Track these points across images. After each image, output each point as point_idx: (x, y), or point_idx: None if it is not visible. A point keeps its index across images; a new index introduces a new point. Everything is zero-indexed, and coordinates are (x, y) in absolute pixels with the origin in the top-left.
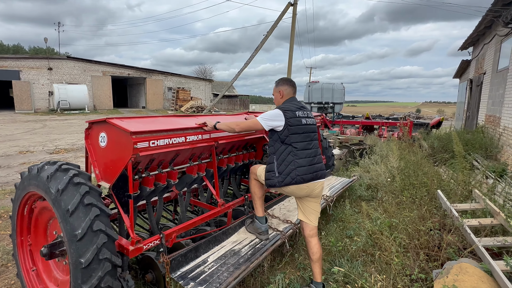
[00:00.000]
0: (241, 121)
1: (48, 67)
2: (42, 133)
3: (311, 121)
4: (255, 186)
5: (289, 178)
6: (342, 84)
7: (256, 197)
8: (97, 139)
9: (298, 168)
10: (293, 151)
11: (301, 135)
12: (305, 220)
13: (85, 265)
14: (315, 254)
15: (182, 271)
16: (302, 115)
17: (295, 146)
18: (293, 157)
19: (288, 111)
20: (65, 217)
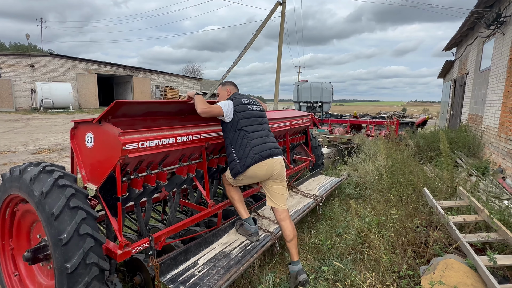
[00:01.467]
0: (208, 106)
1: (30, 65)
2: (24, 133)
3: (257, 107)
4: (230, 191)
5: (248, 160)
6: (331, 84)
7: (234, 201)
8: (84, 139)
9: (254, 147)
10: (245, 134)
11: (249, 119)
12: (274, 205)
13: (71, 270)
14: (288, 235)
15: (172, 275)
16: (248, 102)
17: (245, 129)
18: (247, 140)
19: (234, 100)
20: (50, 221)
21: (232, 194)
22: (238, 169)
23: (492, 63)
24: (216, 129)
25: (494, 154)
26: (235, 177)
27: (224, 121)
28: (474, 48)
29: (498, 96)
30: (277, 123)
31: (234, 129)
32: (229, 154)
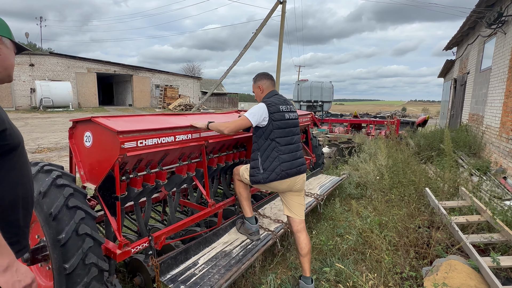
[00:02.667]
0: (230, 122)
1: (30, 63)
2: (24, 132)
3: (293, 115)
4: (240, 187)
5: (274, 174)
6: (331, 83)
7: (242, 198)
8: (82, 139)
9: (283, 163)
10: (277, 146)
11: (284, 130)
12: (291, 215)
13: (69, 271)
14: (303, 249)
15: (172, 274)
16: (285, 109)
17: (278, 141)
18: (277, 153)
19: (271, 105)
20: (48, 221)
21: (241, 191)
22: (259, 179)
23: (493, 62)
24: None
25: (495, 154)
26: (253, 184)
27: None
28: (475, 47)
29: (499, 95)
30: None
31: (265, 137)
32: (254, 160)
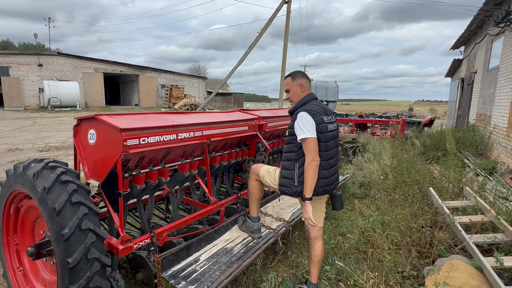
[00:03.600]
0: (308, 156)
1: (38, 64)
2: (32, 131)
3: (334, 126)
4: (255, 187)
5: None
6: (336, 83)
7: (254, 198)
8: (86, 136)
9: (321, 179)
10: (319, 162)
11: (327, 144)
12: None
13: (72, 265)
14: (317, 256)
15: (174, 270)
16: (327, 120)
17: (321, 156)
18: (319, 168)
19: (316, 116)
20: (52, 216)
21: (255, 191)
22: (292, 191)
23: (501, 61)
24: (218, 126)
25: (503, 154)
26: (281, 193)
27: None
28: (482, 46)
29: (507, 95)
30: (282, 120)
31: None
32: (288, 170)
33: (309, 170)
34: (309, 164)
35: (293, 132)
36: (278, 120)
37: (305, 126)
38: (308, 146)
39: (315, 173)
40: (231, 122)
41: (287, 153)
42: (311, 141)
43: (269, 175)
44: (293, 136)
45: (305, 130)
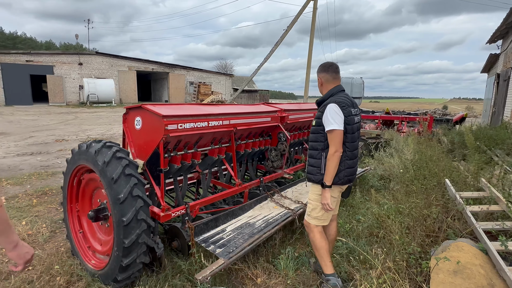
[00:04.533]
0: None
1: (79, 62)
2: (75, 124)
3: (359, 118)
4: (320, 239)
5: (336, 178)
6: (362, 79)
7: (324, 251)
8: (133, 123)
9: (347, 169)
10: (346, 151)
11: (353, 135)
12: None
13: (126, 223)
14: (331, 235)
15: (204, 237)
16: (354, 113)
17: (347, 146)
18: (345, 158)
19: (345, 108)
20: (110, 184)
21: (319, 243)
22: (316, 179)
23: None
24: (244, 116)
25: None
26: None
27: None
28: None
29: None
30: (304, 113)
31: None
32: (315, 159)
33: (332, 160)
34: (333, 154)
35: (320, 123)
36: (300, 113)
37: (334, 117)
38: (334, 137)
39: (337, 164)
40: (255, 113)
41: (314, 143)
42: (338, 133)
43: (311, 204)
44: (320, 127)
45: (333, 122)
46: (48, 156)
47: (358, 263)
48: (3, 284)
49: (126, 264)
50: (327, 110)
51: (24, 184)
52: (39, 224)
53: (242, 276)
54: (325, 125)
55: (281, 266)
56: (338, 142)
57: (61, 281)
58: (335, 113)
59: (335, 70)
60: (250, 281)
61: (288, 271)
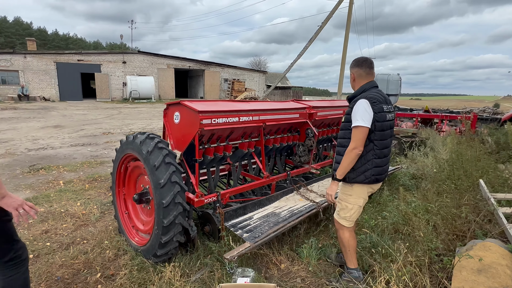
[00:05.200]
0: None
1: (123, 61)
2: (119, 118)
3: (392, 116)
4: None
5: (362, 177)
6: (399, 75)
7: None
8: (173, 117)
9: (375, 168)
10: (374, 149)
11: (383, 132)
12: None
13: (165, 205)
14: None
15: (233, 222)
16: (387, 109)
17: (376, 144)
18: (372, 156)
19: (376, 104)
20: (153, 171)
21: (347, 241)
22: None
23: None
24: (272, 113)
25: None
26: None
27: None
28: None
29: None
30: (334, 110)
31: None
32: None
33: (349, 156)
34: (351, 151)
35: (349, 119)
36: (329, 110)
37: (361, 113)
38: (357, 133)
39: (353, 161)
40: (283, 109)
41: (343, 139)
42: (361, 130)
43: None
44: (349, 123)
45: (359, 118)
46: (97, 147)
47: (380, 256)
48: (64, 253)
49: (165, 241)
50: (356, 106)
51: (77, 171)
52: (91, 206)
53: (267, 261)
54: (352, 121)
55: (304, 255)
56: (359, 139)
57: (110, 254)
58: (364, 109)
59: (369, 66)
60: (274, 266)
61: (310, 260)
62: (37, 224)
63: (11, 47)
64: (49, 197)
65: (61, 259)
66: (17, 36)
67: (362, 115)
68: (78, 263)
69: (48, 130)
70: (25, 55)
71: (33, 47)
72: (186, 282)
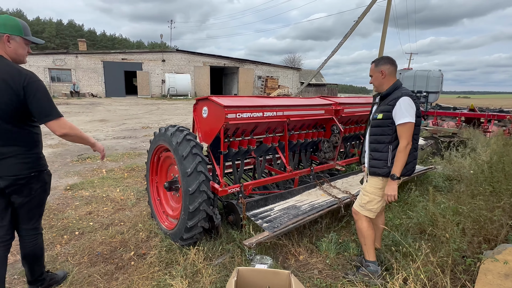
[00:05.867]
0: (402, 140)
1: (162, 59)
2: (157, 114)
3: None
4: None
5: (404, 170)
6: (440, 71)
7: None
8: (201, 112)
9: (414, 160)
10: (413, 143)
11: (418, 127)
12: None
13: (191, 192)
14: (380, 226)
15: (254, 212)
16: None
17: (415, 138)
18: (412, 150)
19: (415, 100)
20: (181, 161)
21: (366, 231)
22: (383, 172)
23: None
24: (297, 109)
25: None
26: (370, 174)
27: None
28: None
29: None
30: (362, 107)
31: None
32: (381, 152)
33: (405, 153)
34: (405, 147)
35: (389, 116)
36: (357, 106)
37: (408, 110)
38: (407, 130)
39: (401, 161)
40: (308, 106)
41: (380, 136)
42: (411, 126)
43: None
44: (389, 120)
45: (407, 114)
46: (136, 140)
47: (400, 254)
48: (104, 232)
49: (190, 226)
50: (401, 103)
51: (118, 161)
52: (128, 192)
53: (286, 252)
54: (397, 118)
55: (323, 248)
56: (410, 135)
57: (143, 235)
58: (409, 106)
59: (396, 64)
60: (293, 256)
61: (329, 253)
62: (82, 206)
63: (65, 47)
64: (93, 183)
65: (101, 237)
66: (70, 37)
67: (409, 111)
68: (115, 241)
69: (94, 123)
70: (77, 55)
71: (83, 48)
72: (209, 265)
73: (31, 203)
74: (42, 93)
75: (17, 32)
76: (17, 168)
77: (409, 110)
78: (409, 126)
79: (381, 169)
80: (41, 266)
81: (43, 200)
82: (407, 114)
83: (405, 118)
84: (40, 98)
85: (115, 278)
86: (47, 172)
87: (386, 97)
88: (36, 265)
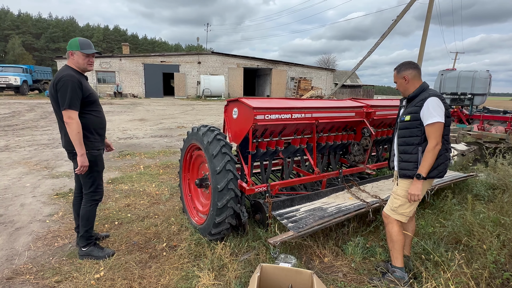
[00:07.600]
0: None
1: (198, 61)
2: (192, 114)
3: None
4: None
5: (435, 172)
6: (488, 72)
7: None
8: (231, 113)
9: (446, 162)
10: (444, 144)
11: (448, 128)
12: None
13: (220, 190)
14: (411, 232)
15: (280, 212)
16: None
17: (446, 139)
18: (444, 151)
19: (444, 101)
20: (211, 159)
21: (396, 236)
22: (413, 174)
23: None
24: (326, 111)
25: None
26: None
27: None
28: None
29: None
30: (394, 110)
31: None
32: (410, 155)
33: (433, 153)
34: (434, 148)
35: (417, 117)
36: (390, 109)
37: (437, 110)
38: (436, 130)
39: (429, 160)
40: (338, 108)
41: (409, 138)
42: (440, 126)
43: (396, 202)
44: (417, 121)
45: (436, 114)
46: (172, 138)
47: (431, 264)
48: (140, 223)
49: (218, 221)
50: (429, 104)
51: (155, 158)
52: (163, 188)
53: (310, 253)
54: (426, 119)
55: (349, 251)
56: (440, 135)
57: (174, 228)
58: (438, 106)
59: (419, 67)
60: (318, 258)
61: (355, 257)
62: (122, 198)
63: (110, 51)
64: (131, 178)
65: (138, 228)
66: (115, 41)
67: (438, 111)
68: (149, 232)
69: (134, 122)
70: (120, 58)
71: (126, 51)
72: (234, 261)
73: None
74: (62, 88)
75: (75, 47)
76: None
77: (437, 110)
78: (438, 126)
79: (411, 171)
80: (79, 222)
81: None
82: (435, 114)
83: (434, 118)
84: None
85: (149, 266)
86: (89, 153)
87: (413, 99)
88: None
